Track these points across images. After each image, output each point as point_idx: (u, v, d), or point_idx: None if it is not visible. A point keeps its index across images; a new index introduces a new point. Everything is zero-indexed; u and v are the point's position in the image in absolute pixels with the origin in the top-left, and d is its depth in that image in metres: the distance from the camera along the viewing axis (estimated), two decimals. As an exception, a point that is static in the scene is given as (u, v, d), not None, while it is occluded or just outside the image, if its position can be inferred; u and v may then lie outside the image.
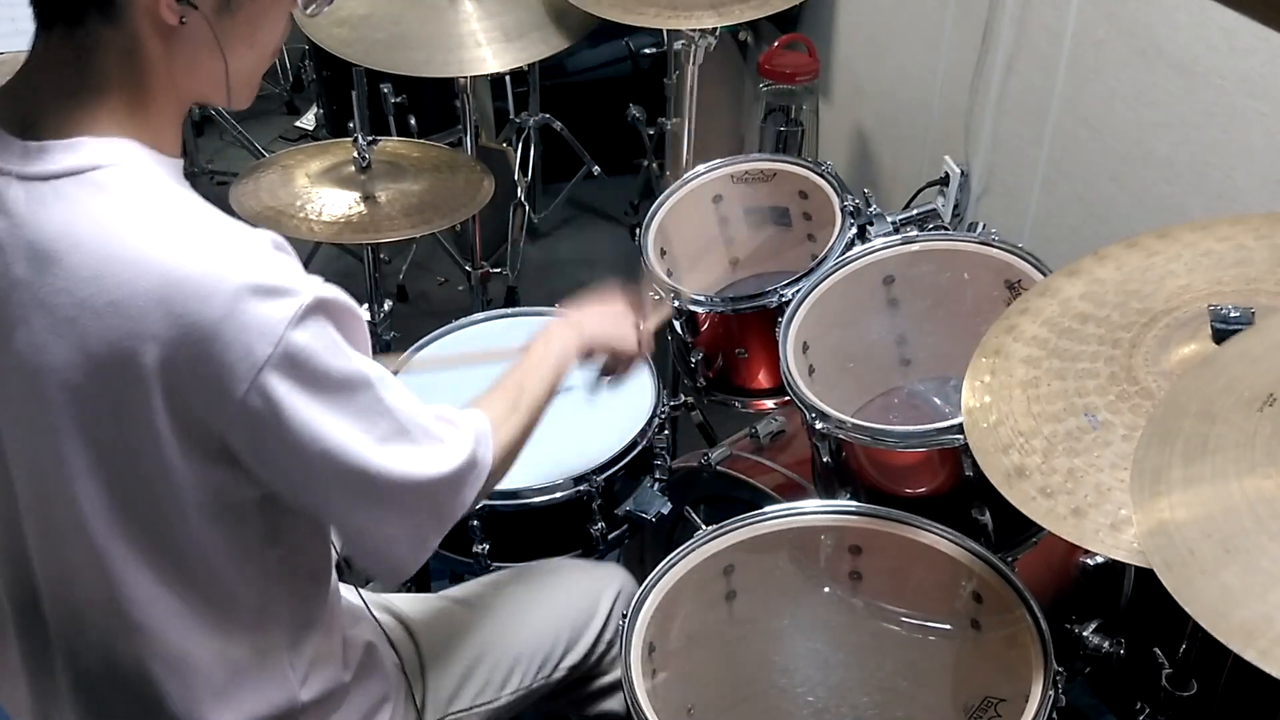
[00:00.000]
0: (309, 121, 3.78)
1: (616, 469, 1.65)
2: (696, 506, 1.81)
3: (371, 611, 1.34)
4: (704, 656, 1.48)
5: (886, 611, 1.49)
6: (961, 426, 1.25)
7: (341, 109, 3.36)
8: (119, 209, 0.96)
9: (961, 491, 1.47)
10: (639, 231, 1.96)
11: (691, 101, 2.49)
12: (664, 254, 1.95)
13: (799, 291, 1.69)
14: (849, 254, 1.72)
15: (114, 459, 1.00)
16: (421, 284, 3.23)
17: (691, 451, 1.91)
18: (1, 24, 2.30)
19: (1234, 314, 1.13)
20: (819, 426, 1.53)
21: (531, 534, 1.67)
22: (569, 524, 1.67)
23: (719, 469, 1.80)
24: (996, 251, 1.65)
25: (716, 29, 2.32)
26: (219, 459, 1.00)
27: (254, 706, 1.14)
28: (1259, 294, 1.21)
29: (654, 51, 3.10)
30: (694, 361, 1.87)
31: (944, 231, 1.79)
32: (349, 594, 1.34)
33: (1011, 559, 1.52)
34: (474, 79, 2.67)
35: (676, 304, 1.82)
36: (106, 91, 0.99)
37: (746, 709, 1.50)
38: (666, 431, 1.76)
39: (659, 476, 1.74)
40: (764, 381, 1.88)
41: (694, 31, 2.32)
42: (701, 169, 2.02)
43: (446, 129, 3.07)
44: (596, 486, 1.63)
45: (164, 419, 0.97)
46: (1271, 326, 1.08)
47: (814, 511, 1.49)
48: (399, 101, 2.81)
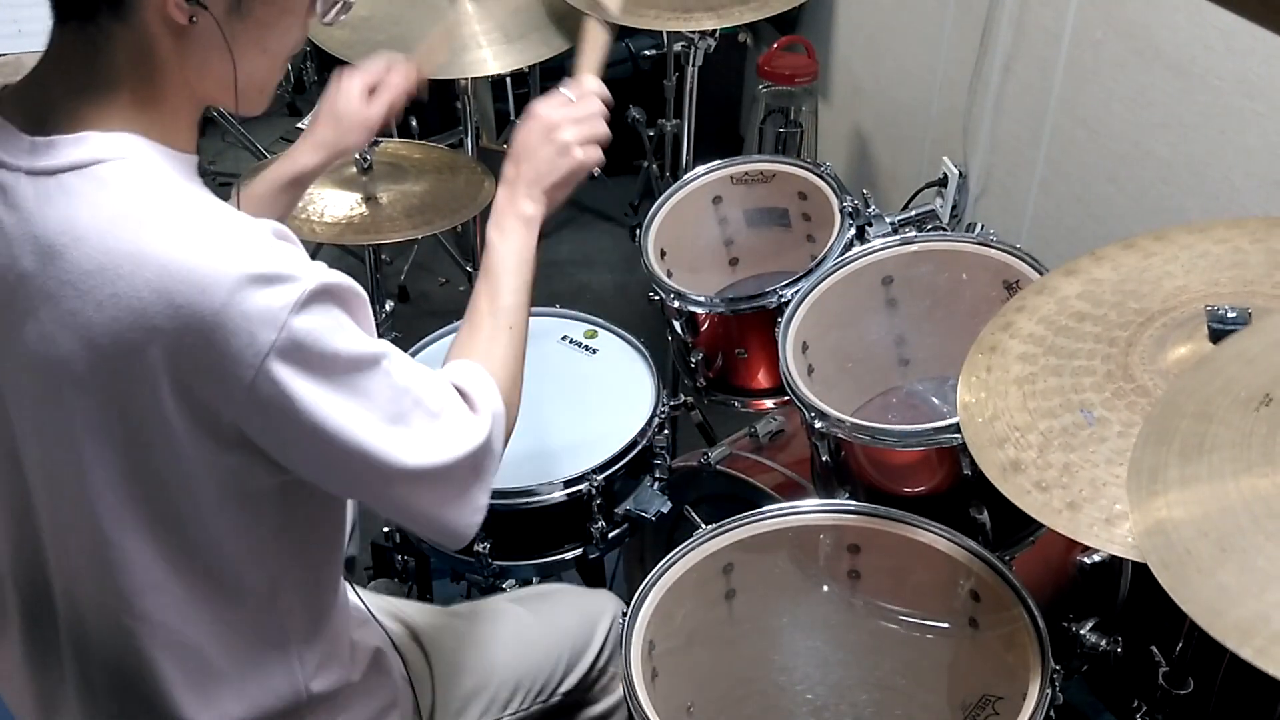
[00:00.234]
0: (309, 121, 3.78)
1: (616, 468, 1.66)
2: (696, 506, 1.81)
3: (379, 618, 1.34)
4: (703, 655, 1.49)
5: (885, 610, 1.50)
6: (959, 426, 1.26)
7: (342, 109, 3.37)
8: (120, 202, 0.96)
9: (960, 491, 1.48)
10: (639, 232, 1.96)
11: (691, 102, 2.50)
12: (664, 255, 1.95)
13: (798, 292, 1.70)
14: (848, 254, 1.73)
15: (124, 450, 1.00)
16: (423, 285, 3.23)
17: (691, 451, 1.91)
18: (2, 25, 2.31)
19: (1231, 314, 1.13)
20: (818, 426, 1.53)
21: (532, 533, 1.68)
22: (569, 523, 1.68)
23: (719, 468, 1.80)
24: (995, 252, 1.65)
25: (716, 31, 2.33)
26: (233, 446, 1.00)
27: (261, 698, 1.15)
28: (1255, 296, 1.22)
29: (654, 53, 3.10)
30: (694, 362, 1.88)
31: (942, 232, 1.79)
32: (357, 598, 1.34)
33: (1009, 558, 1.52)
34: (475, 80, 2.67)
35: (677, 304, 1.83)
36: (116, 87, 0.99)
37: (746, 707, 1.50)
38: (666, 431, 1.76)
39: (659, 476, 1.74)
40: (763, 381, 1.88)
41: (694, 33, 2.33)
42: (701, 170, 2.02)
43: (447, 130, 3.07)
44: (596, 486, 1.63)
45: (173, 409, 0.97)
46: (1268, 327, 1.08)
47: (813, 511, 1.49)
48: (399, 101, 2.81)
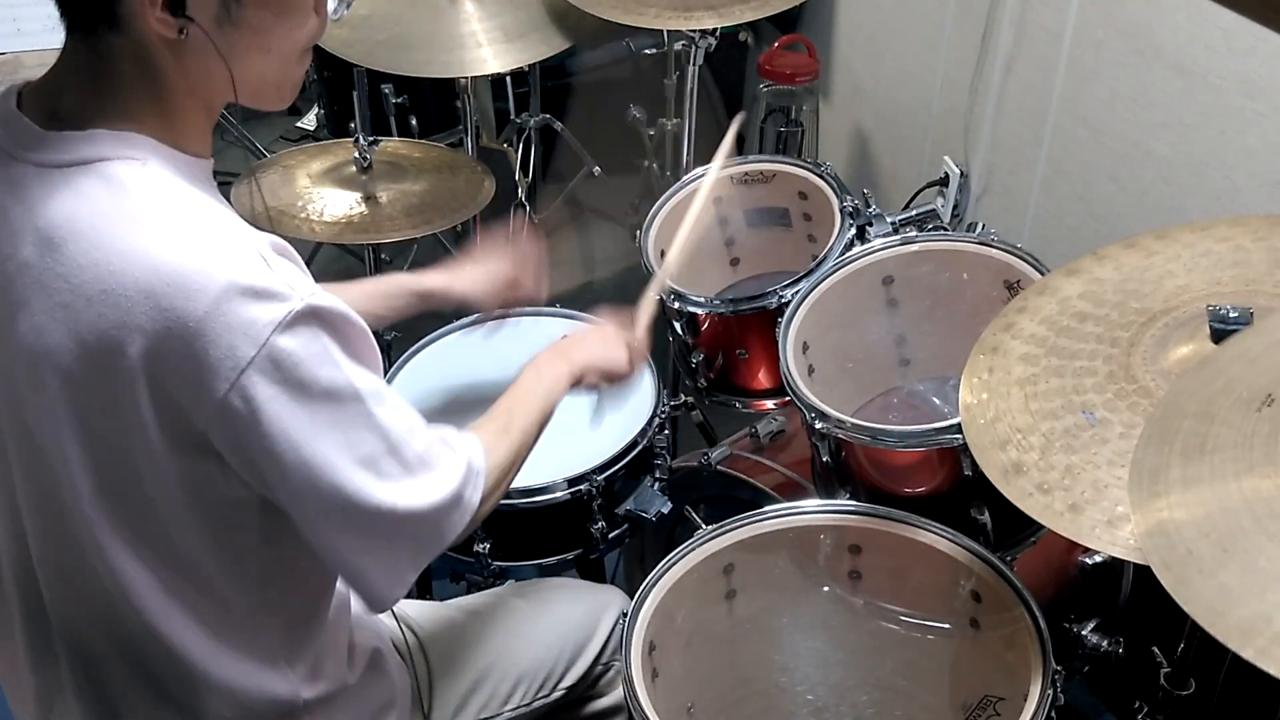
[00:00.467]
0: (310, 122, 3.77)
1: (617, 469, 1.66)
2: (696, 506, 1.81)
3: (382, 617, 1.33)
4: (704, 655, 1.48)
5: (886, 610, 1.49)
6: (960, 426, 1.26)
7: (342, 109, 3.36)
8: (121, 201, 0.96)
9: (960, 491, 1.48)
10: (639, 232, 1.96)
11: (692, 102, 2.49)
12: (664, 255, 1.95)
13: (799, 292, 1.70)
14: (848, 254, 1.72)
15: (105, 448, 1.00)
16: (422, 284, 3.22)
17: (691, 451, 1.91)
18: (2, 24, 2.31)
19: (1233, 314, 1.13)
20: (819, 426, 1.53)
21: (532, 533, 1.68)
22: (569, 523, 1.67)
23: (719, 469, 1.80)
24: (996, 252, 1.65)
25: (716, 30, 2.33)
26: (206, 454, 1.00)
27: (254, 700, 1.15)
28: (1257, 295, 1.21)
29: (654, 52, 3.09)
30: (694, 362, 1.88)
31: (943, 232, 1.79)
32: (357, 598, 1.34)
33: (1010, 558, 1.52)
34: (474, 79, 2.67)
35: (677, 305, 1.83)
36: (124, 92, 1.00)
37: (746, 707, 1.50)
38: (666, 431, 1.76)
39: (659, 476, 1.74)
40: (764, 382, 1.88)
41: (694, 32, 2.33)
42: (701, 170, 2.02)
43: (447, 129, 3.06)
44: (597, 486, 1.63)
45: (149, 411, 0.97)
46: (1270, 327, 1.08)
47: (814, 511, 1.49)
48: (400, 102, 2.81)
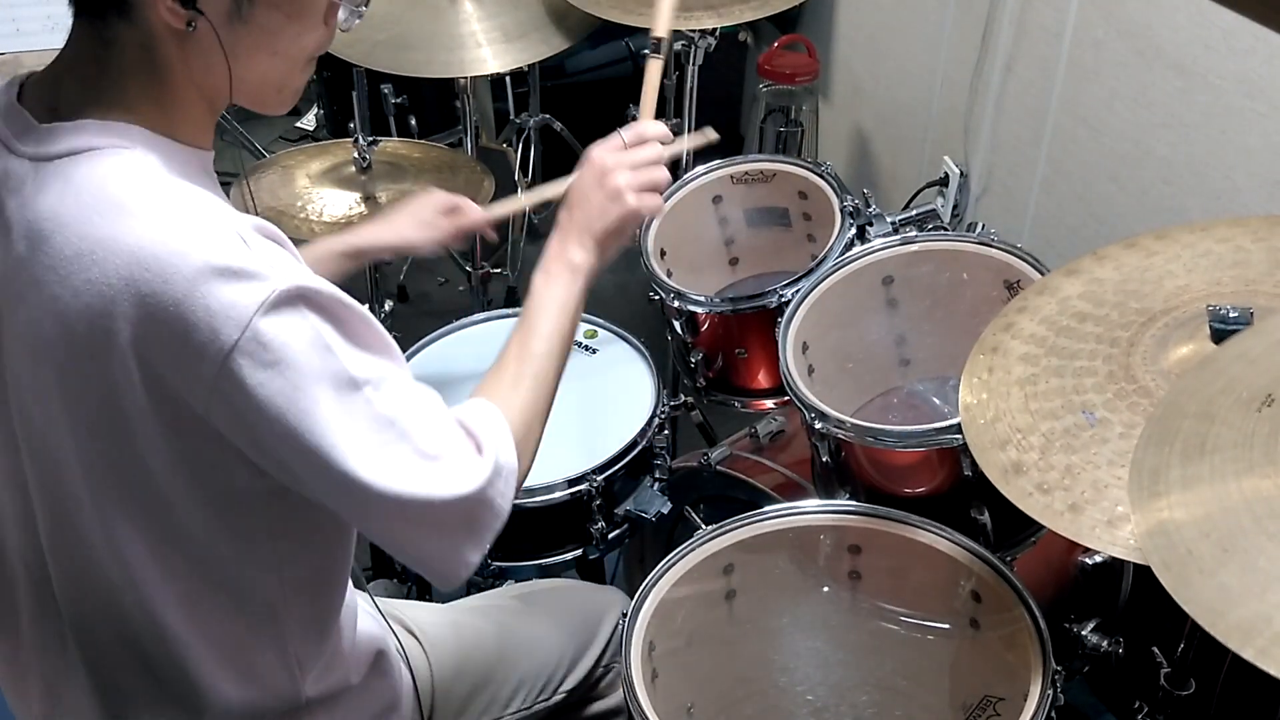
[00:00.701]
0: (309, 122, 3.78)
1: (616, 469, 1.65)
2: (696, 506, 1.81)
3: (379, 619, 1.33)
4: (704, 656, 1.48)
5: (885, 611, 1.49)
6: (960, 426, 1.26)
7: (342, 109, 3.36)
8: (103, 189, 0.96)
9: (960, 491, 1.47)
10: (639, 232, 1.96)
11: (691, 102, 2.49)
12: (664, 254, 1.95)
13: (799, 292, 1.69)
14: (848, 254, 1.72)
15: (106, 439, 1.00)
16: (422, 284, 3.22)
17: (691, 451, 1.91)
18: (2, 25, 2.31)
19: (1233, 314, 1.13)
20: (818, 426, 1.53)
21: (532, 533, 1.67)
22: (569, 523, 1.67)
23: (719, 469, 1.80)
24: (996, 252, 1.65)
25: (716, 30, 2.32)
26: (207, 440, 0.98)
27: (258, 695, 1.14)
28: (1257, 295, 1.21)
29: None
30: (694, 361, 1.88)
31: (943, 232, 1.79)
32: (361, 598, 1.33)
33: (1010, 558, 1.52)
34: (474, 79, 2.67)
35: (677, 304, 1.82)
36: (124, 82, 1.00)
37: (746, 708, 1.50)
38: (666, 431, 1.76)
39: (659, 476, 1.74)
40: (764, 381, 1.88)
41: (694, 32, 2.33)
42: (701, 169, 2.02)
43: (447, 129, 3.06)
44: (596, 486, 1.63)
45: (146, 400, 0.96)
46: (1270, 327, 1.08)
47: (813, 511, 1.49)
48: (399, 102, 2.80)
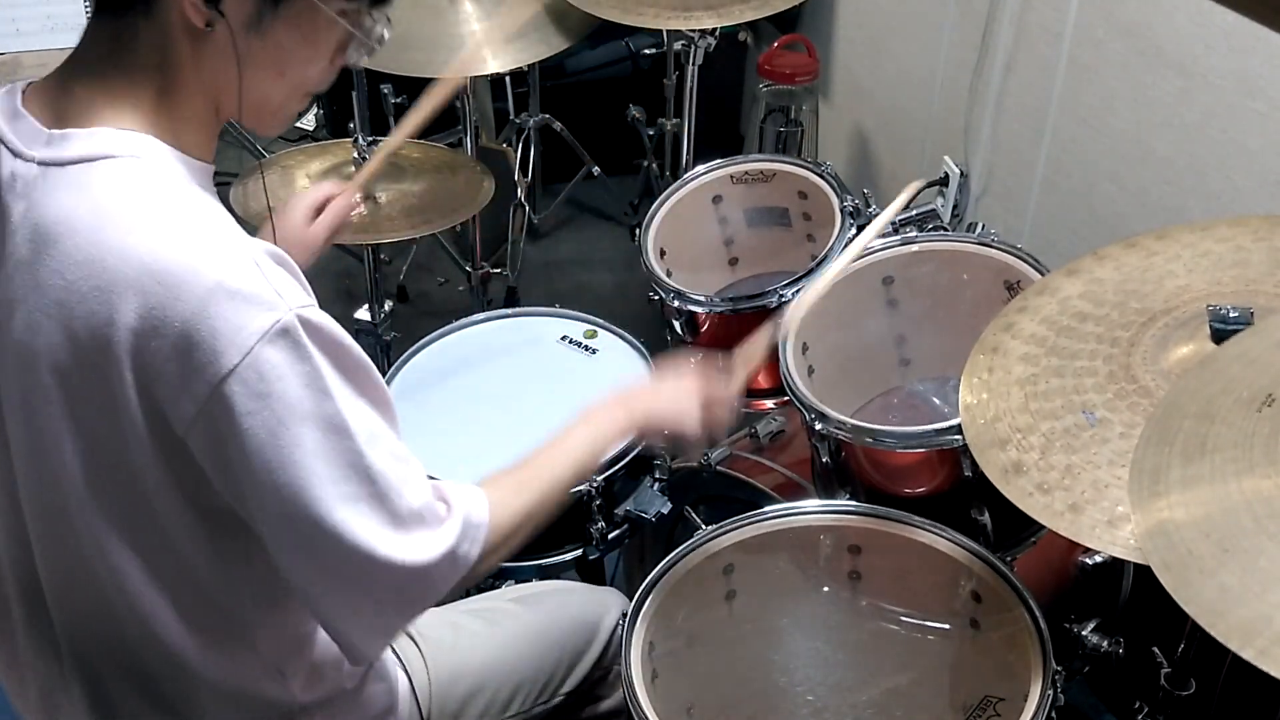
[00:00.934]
0: (309, 122, 3.77)
1: (616, 469, 1.65)
2: (696, 506, 1.81)
3: None
4: (704, 656, 1.48)
5: (886, 611, 1.49)
6: (960, 427, 1.25)
7: (341, 109, 3.36)
8: (119, 198, 0.96)
9: (960, 491, 1.47)
10: (639, 232, 1.96)
11: (691, 102, 2.49)
12: (664, 254, 1.95)
13: (799, 292, 1.69)
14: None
15: (99, 446, 0.99)
16: (422, 284, 3.22)
17: (691, 451, 1.91)
18: (2, 25, 2.31)
19: (1233, 314, 1.13)
20: (818, 427, 1.53)
21: (531, 534, 1.67)
22: (569, 524, 1.67)
23: (719, 469, 1.80)
24: (996, 252, 1.65)
25: (716, 29, 2.33)
26: (189, 460, 0.98)
27: (250, 704, 1.14)
28: (1257, 295, 1.21)
29: (654, 52, 3.09)
30: (694, 362, 1.87)
31: (943, 232, 1.79)
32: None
33: (1010, 558, 1.52)
34: (474, 79, 2.67)
35: (677, 304, 1.82)
36: (136, 85, 1.00)
37: (746, 708, 1.50)
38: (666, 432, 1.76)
39: (659, 476, 1.74)
40: (764, 382, 1.88)
41: (694, 32, 2.33)
42: (701, 169, 2.02)
43: (446, 129, 3.06)
44: (596, 486, 1.63)
45: (137, 411, 0.96)
46: (1270, 327, 1.08)
47: (813, 511, 1.49)
48: (399, 102, 2.80)
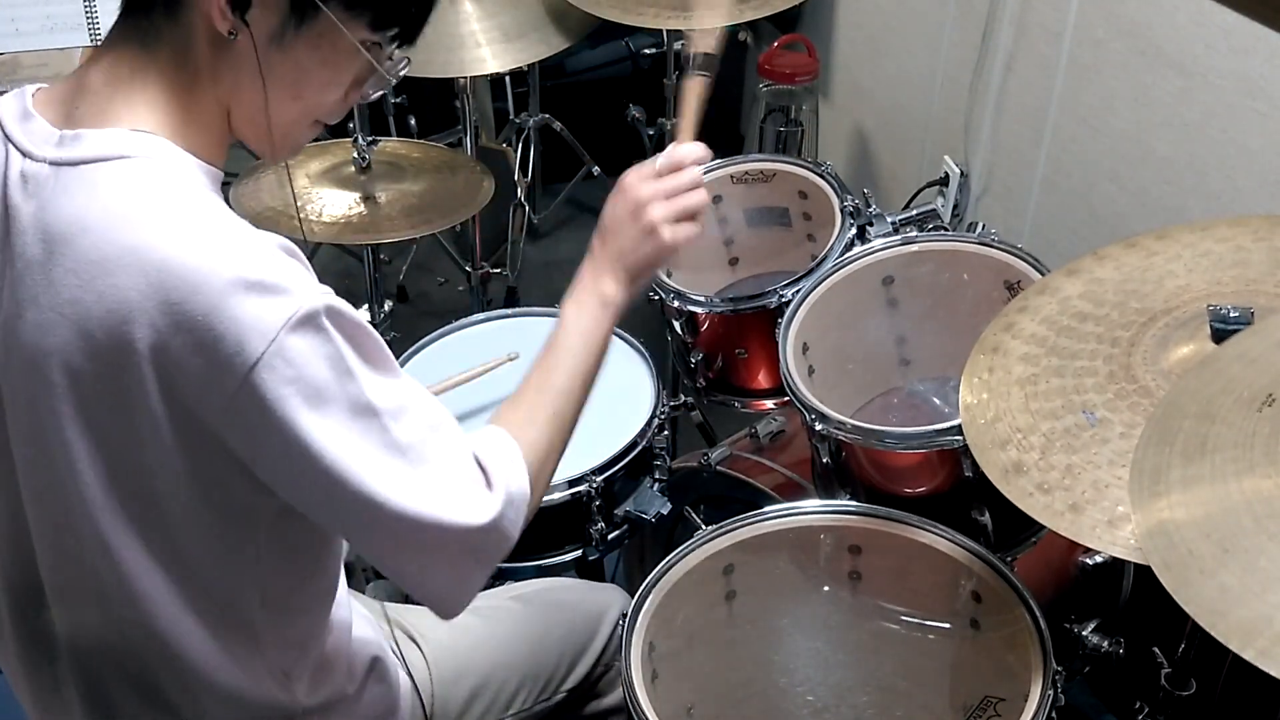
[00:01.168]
0: (309, 122, 3.77)
1: (616, 469, 1.65)
2: (696, 506, 1.81)
3: (377, 624, 1.33)
4: (704, 656, 1.48)
5: (886, 611, 1.49)
6: (961, 427, 1.25)
7: (341, 109, 3.36)
8: (134, 198, 0.96)
9: (961, 491, 1.47)
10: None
11: (691, 101, 2.49)
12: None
13: (799, 292, 1.69)
14: (849, 254, 1.72)
15: (114, 445, 0.99)
16: (422, 284, 3.22)
17: (691, 451, 1.91)
18: (2, 24, 2.31)
19: (1233, 314, 1.13)
20: (819, 427, 1.53)
21: (531, 533, 1.65)
22: (569, 524, 1.67)
23: (719, 469, 1.80)
24: (996, 252, 1.65)
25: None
26: (214, 454, 0.98)
27: (252, 708, 1.14)
28: (1258, 295, 1.21)
29: (654, 52, 3.09)
30: (694, 362, 1.87)
31: (943, 232, 1.79)
32: (359, 604, 1.32)
33: (1011, 559, 1.52)
34: (474, 79, 2.66)
35: (677, 304, 1.82)
36: (153, 87, 1.00)
37: (746, 708, 1.50)
38: (666, 431, 1.76)
39: (659, 476, 1.74)
40: (764, 382, 1.88)
41: (694, 31, 2.32)
42: (701, 169, 2.01)
43: (446, 129, 3.06)
44: (596, 486, 1.63)
45: (160, 408, 0.95)
46: (1270, 327, 1.08)
47: (814, 511, 1.49)
48: (399, 102, 2.81)
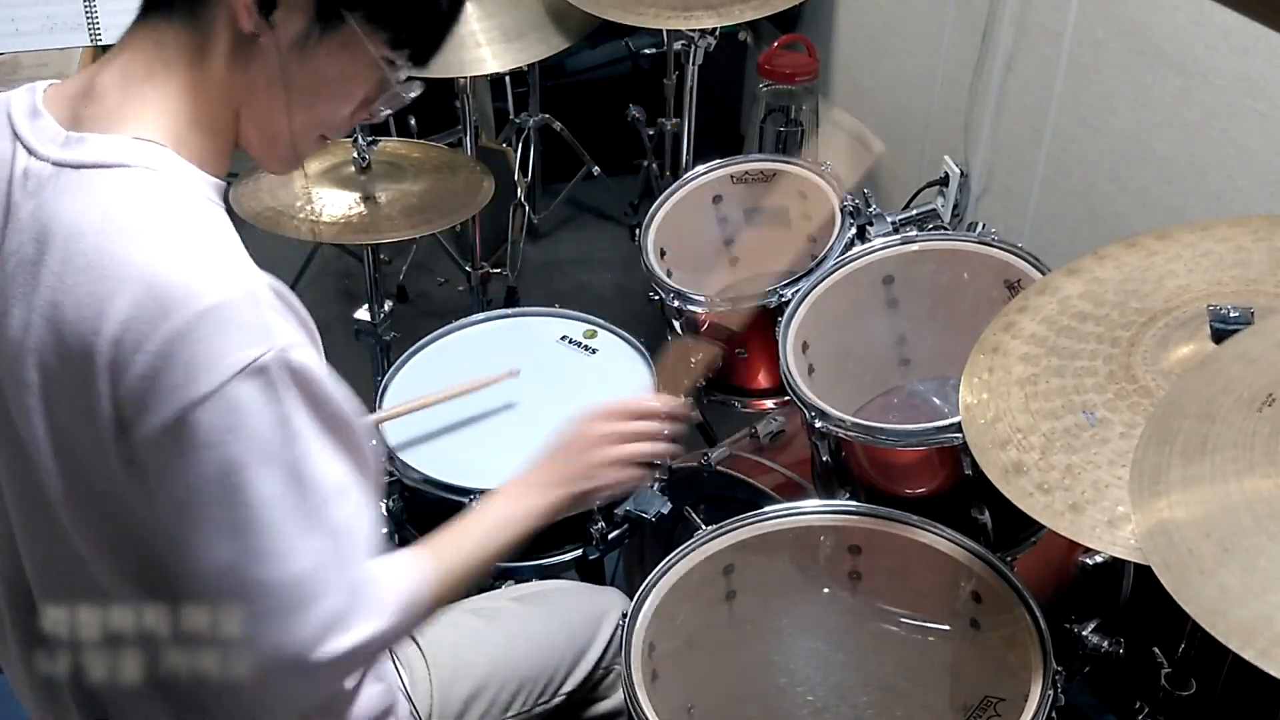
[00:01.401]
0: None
1: (616, 469, 1.65)
2: (696, 506, 1.81)
3: None
4: (704, 656, 1.48)
5: (886, 611, 1.49)
6: (960, 425, 1.25)
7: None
8: (128, 207, 0.95)
9: (961, 491, 1.47)
10: (639, 232, 1.96)
11: (691, 101, 2.49)
12: (664, 254, 1.94)
13: (799, 291, 1.69)
14: (849, 254, 1.72)
15: (73, 450, 0.98)
16: (422, 284, 3.22)
17: (691, 451, 1.91)
18: (2, 25, 2.31)
19: (1233, 314, 1.13)
20: (819, 426, 1.53)
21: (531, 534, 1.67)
22: (568, 524, 1.66)
23: (719, 469, 1.80)
24: (996, 251, 1.65)
25: (716, 29, 2.33)
26: (145, 475, 0.96)
27: (249, 702, 1.14)
28: (1258, 295, 1.21)
29: (654, 52, 3.09)
30: (694, 361, 1.87)
31: (944, 231, 1.79)
32: None
33: (1011, 559, 1.52)
34: (474, 79, 2.66)
35: (677, 304, 1.82)
36: (166, 89, 0.99)
37: (746, 709, 1.50)
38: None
39: (659, 476, 1.74)
40: (764, 381, 1.88)
41: (694, 32, 2.33)
42: (701, 169, 2.02)
43: (446, 129, 3.06)
44: (596, 487, 1.62)
45: (109, 420, 0.94)
46: (1270, 327, 1.08)
47: (814, 511, 1.49)
48: (398, 102, 2.80)
